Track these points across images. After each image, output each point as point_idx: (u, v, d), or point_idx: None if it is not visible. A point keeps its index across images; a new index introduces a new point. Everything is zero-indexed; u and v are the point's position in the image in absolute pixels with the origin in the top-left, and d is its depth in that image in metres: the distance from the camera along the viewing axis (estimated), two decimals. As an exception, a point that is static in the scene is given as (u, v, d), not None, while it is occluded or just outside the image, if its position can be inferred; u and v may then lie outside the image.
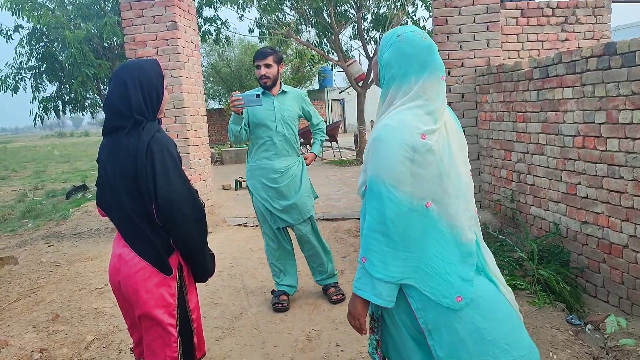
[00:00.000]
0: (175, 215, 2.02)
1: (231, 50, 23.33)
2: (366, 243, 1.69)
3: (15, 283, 4.94)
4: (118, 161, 2.05)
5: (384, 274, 1.65)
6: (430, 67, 1.72)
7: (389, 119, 1.70)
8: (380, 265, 1.65)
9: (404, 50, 1.72)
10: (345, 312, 3.71)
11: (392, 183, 1.63)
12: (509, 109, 4.65)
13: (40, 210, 9.76)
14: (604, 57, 3.30)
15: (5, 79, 10.34)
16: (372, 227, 1.67)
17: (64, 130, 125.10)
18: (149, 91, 2.09)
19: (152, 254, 2.07)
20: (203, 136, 6.88)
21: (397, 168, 1.63)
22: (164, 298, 2.09)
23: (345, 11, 12.20)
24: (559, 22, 5.94)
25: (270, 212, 3.91)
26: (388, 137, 1.65)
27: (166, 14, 6.10)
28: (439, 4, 5.24)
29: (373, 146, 1.68)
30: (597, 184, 3.49)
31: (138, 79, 2.08)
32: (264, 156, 3.89)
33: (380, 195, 1.64)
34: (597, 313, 3.42)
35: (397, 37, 1.75)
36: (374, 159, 1.67)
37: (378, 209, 1.65)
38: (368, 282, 1.69)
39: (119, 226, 2.15)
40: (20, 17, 10.24)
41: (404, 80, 1.72)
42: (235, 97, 3.59)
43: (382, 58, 1.78)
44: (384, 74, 1.78)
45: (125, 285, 2.11)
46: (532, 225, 4.44)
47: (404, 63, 1.72)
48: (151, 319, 2.09)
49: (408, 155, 1.63)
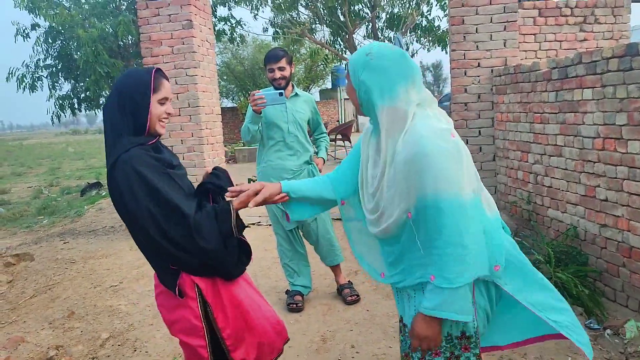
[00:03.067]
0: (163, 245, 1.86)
1: (245, 48, 23.36)
2: (444, 261, 1.62)
3: (31, 280, 4.98)
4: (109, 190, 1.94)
5: (461, 280, 1.62)
6: (411, 72, 1.71)
7: (416, 131, 1.64)
8: (457, 274, 1.62)
9: (377, 68, 1.70)
10: (361, 313, 3.72)
11: (457, 192, 1.60)
12: (526, 110, 4.60)
13: (55, 207, 9.86)
14: (626, 58, 3.25)
15: (23, 77, 10.43)
16: (451, 242, 1.61)
17: (79, 127, 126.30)
18: (126, 103, 1.90)
19: (166, 277, 2.01)
20: (217, 135, 6.88)
21: (455, 175, 1.60)
22: (186, 319, 2.01)
23: (360, 10, 12.17)
24: (578, 22, 5.87)
25: (282, 212, 3.90)
26: (433, 149, 1.60)
27: (182, 13, 6.11)
28: (456, 4, 5.19)
29: (420, 164, 1.60)
30: (617, 187, 3.43)
31: (117, 90, 1.93)
32: (276, 156, 3.87)
33: (451, 210, 1.59)
34: (617, 318, 3.37)
35: (366, 56, 1.72)
36: (428, 176, 1.59)
37: (452, 225, 1.60)
38: (447, 299, 1.64)
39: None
40: (38, 16, 10.33)
41: (393, 93, 1.69)
42: (258, 96, 3.47)
43: (359, 82, 1.73)
44: (365, 97, 1.74)
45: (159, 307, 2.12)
46: (549, 227, 4.38)
47: (382, 79, 1.69)
48: (181, 340, 2.07)
49: (456, 158, 1.62)
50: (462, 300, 1.64)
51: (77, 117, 14.49)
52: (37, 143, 51.80)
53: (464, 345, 1.77)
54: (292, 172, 3.85)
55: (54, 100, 11.03)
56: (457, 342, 1.77)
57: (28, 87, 10.57)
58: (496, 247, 1.72)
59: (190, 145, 6.27)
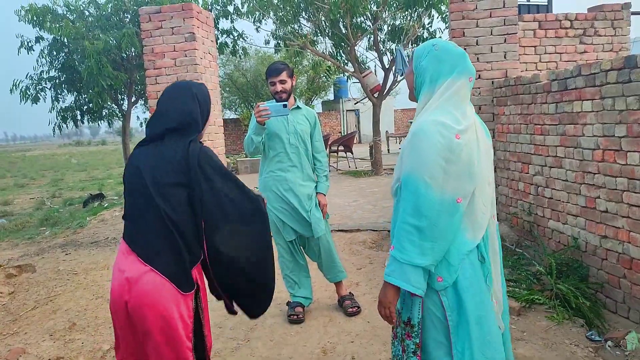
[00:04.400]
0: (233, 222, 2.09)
1: (247, 60, 23.50)
2: (398, 233, 1.81)
3: (32, 291, 4.99)
4: (161, 168, 2.07)
5: (412, 259, 1.77)
6: (459, 68, 1.89)
7: (427, 117, 1.83)
8: (408, 252, 1.78)
9: (438, 57, 1.90)
10: (362, 325, 3.71)
11: (427, 179, 1.75)
12: (527, 122, 4.62)
13: (57, 218, 9.88)
14: (624, 70, 3.27)
15: (26, 90, 10.51)
16: (405, 219, 1.79)
17: (82, 139, 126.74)
18: (205, 108, 2.24)
19: (175, 267, 2.02)
20: (219, 146, 6.92)
21: (433, 165, 1.75)
22: (182, 318, 2.03)
23: (362, 23, 12.22)
24: (577, 34, 5.91)
25: (283, 222, 3.91)
26: (426, 134, 1.78)
27: (185, 26, 6.17)
28: (456, 16, 5.23)
29: (411, 142, 1.81)
30: (617, 198, 3.44)
31: (196, 95, 2.21)
32: (277, 167, 3.87)
33: (415, 190, 1.77)
34: (618, 329, 3.36)
35: (432, 46, 1.94)
36: (411, 155, 1.80)
37: (412, 201, 1.78)
38: (397, 269, 1.81)
39: (144, 237, 2.06)
40: (42, 30, 10.44)
41: (437, 81, 1.89)
42: (262, 107, 3.52)
43: (419, 66, 1.94)
44: (420, 80, 1.94)
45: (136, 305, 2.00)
46: (550, 238, 4.39)
47: (438, 66, 1.89)
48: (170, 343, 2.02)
49: (443, 154, 1.76)
50: (413, 274, 1.79)
51: (80, 128, 14.56)
52: (40, 154, 51.99)
53: (407, 332, 1.93)
54: (293, 183, 3.85)
55: (56, 112, 11.10)
56: (403, 327, 1.96)
57: (31, 99, 10.63)
58: (450, 267, 1.85)
59: (192, 156, 6.30)
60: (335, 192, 9.84)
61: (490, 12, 5.16)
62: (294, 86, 3.96)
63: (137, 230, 2.09)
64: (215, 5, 11.85)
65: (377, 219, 7.05)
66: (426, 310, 1.90)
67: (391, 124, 29.46)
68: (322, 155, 4.06)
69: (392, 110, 30.94)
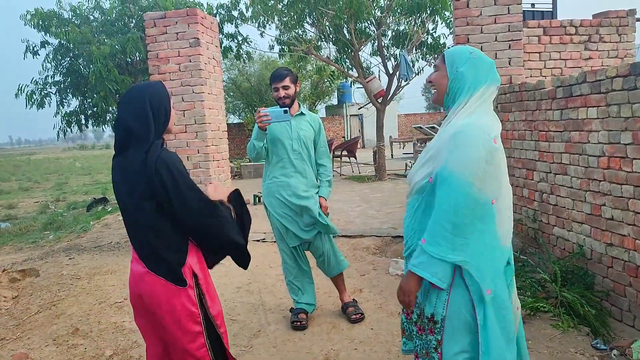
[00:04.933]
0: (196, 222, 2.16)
1: (251, 65, 23.54)
2: (433, 227, 1.88)
3: (36, 295, 4.99)
4: (129, 180, 2.16)
5: (444, 255, 1.85)
6: (491, 76, 2.03)
7: (467, 120, 1.92)
8: (442, 247, 1.85)
9: (476, 64, 2.01)
10: (365, 332, 3.70)
11: (469, 178, 1.83)
12: (531, 128, 4.60)
13: (61, 222, 9.90)
14: (630, 77, 3.26)
15: (32, 94, 10.54)
16: (443, 214, 1.85)
17: (86, 142, 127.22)
18: (159, 111, 2.20)
19: (164, 269, 2.16)
20: (223, 152, 6.92)
21: (476, 165, 1.84)
22: (186, 307, 2.17)
23: (366, 28, 12.24)
24: (582, 41, 5.90)
25: (286, 228, 3.90)
26: (471, 135, 1.87)
27: (189, 31, 6.19)
28: (461, 22, 5.23)
29: (455, 140, 1.88)
30: (623, 206, 3.42)
31: (149, 100, 2.18)
32: (281, 173, 3.87)
33: (457, 187, 1.83)
34: (623, 338, 3.33)
35: (470, 53, 2.03)
36: (455, 153, 1.86)
37: (453, 198, 1.84)
38: (426, 262, 1.88)
39: (133, 243, 2.24)
40: (47, 35, 10.47)
41: (476, 88, 1.99)
42: (263, 113, 3.54)
43: (457, 72, 2.01)
44: (457, 86, 2.01)
45: (147, 299, 2.20)
46: (554, 246, 4.36)
47: (476, 73, 2.00)
48: (181, 329, 2.17)
49: (485, 156, 1.85)
50: (441, 268, 1.87)
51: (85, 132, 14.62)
52: (45, 158, 52.15)
53: (430, 328, 1.99)
54: (296, 188, 3.85)
55: (61, 116, 11.13)
56: (426, 322, 2.01)
57: (37, 104, 10.67)
58: (497, 277, 1.93)
59: (196, 161, 6.31)
60: (339, 197, 9.82)
61: (494, 18, 5.15)
62: (298, 92, 3.96)
63: (131, 235, 2.25)
64: (220, 10, 11.88)
65: (380, 225, 7.03)
66: (453, 309, 1.94)
67: (395, 129, 29.47)
68: (326, 161, 4.06)
69: (396, 115, 30.96)
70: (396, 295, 2.01)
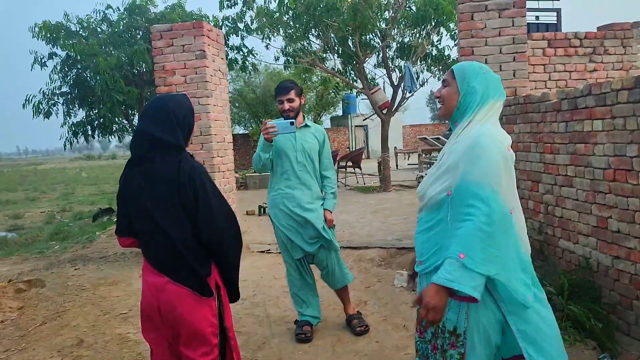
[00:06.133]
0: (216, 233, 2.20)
1: (257, 76, 23.66)
2: (468, 241, 1.85)
3: (41, 306, 5.00)
4: (157, 188, 2.14)
5: (484, 268, 1.84)
6: (500, 92, 2.10)
7: (482, 129, 1.97)
8: (481, 260, 1.83)
9: (487, 79, 2.08)
10: (370, 345, 3.68)
11: (495, 187, 1.86)
12: (536, 140, 4.60)
13: (67, 232, 9.93)
14: (635, 90, 3.25)
15: (39, 104, 10.62)
16: (477, 227, 1.84)
17: (92, 153, 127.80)
18: (183, 122, 2.24)
19: (192, 279, 2.17)
20: (229, 163, 6.95)
21: (498, 174, 1.88)
22: (208, 318, 2.19)
23: (371, 40, 12.30)
24: (587, 53, 5.90)
25: (291, 241, 3.90)
26: (487, 144, 1.91)
27: (195, 43, 6.24)
28: (465, 35, 5.25)
29: (474, 151, 1.91)
30: (629, 219, 3.41)
31: (173, 109, 2.21)
32: (285, 185, 3.88)
33: (487, 198, 1.85)
34: (631, 352, 3.31)
35: (480, 69, 2.10)
36: (477, 164, 1.89)
37: (485, 209, 1.84)
38: (466, 276, 1.83)
39: (156, 254, 2.21)
40: (55, 47, 10.57)
41: (486, 102, 2.05)
42: (270, 125, 3.58)
43: (469, 87, 2.06)
44: (469, 100, 2.06)
45: (168, 310, 2.18)
46: (560, 258, 4.34)
47: (487, 88, 2.06)
48: (200, 340, 2.18)
49: (503, 165, 1.90)
50: (480, 281, 1.84)
51: (91, 142, 14.68)
52: (52, 168, 52.40)
53: (452, 342, 1.96)
54: (301, 200, 3.85)
55: (68, 126, 11.21)
56: (448, 337, 1.96)
57: (43, 114, 10.75)
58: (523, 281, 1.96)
59: (202, 172, 6.32)
60: (343, 208, 9.81)
61: (499, 30, 5.17)
62: (303, 104, 3.99)
63: (149, 248, 2.23)
64: (226, 22, 11.97)
65: (385, 236, 7.02)
66: (476, 322, 1.94)
67: (399, 140, 29.49)
68: (331, 173, 4.06)
69: (401, 126, 31.02)
70: (420, 314, 1.93)
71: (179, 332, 2.20)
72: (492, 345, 1.96)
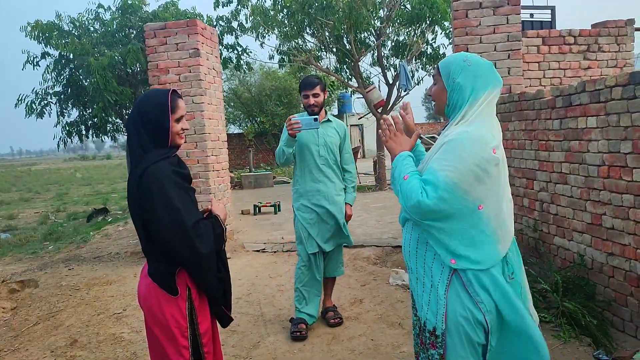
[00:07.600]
0: (164, 244, 2.10)
1: (252, 75, 23.62)
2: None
3: (35, 306, 4.96)
4: (129, 195, 2.18)
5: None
6: (492, 80, 1.97)
7: (468, 128, 1.90)
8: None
9: (473, 72, 1.95)
10: (366, 343, 3.68)
11: (454, 180, 1.82)
12: (531, 137, 4.60)
13: (61, 232, 9.88)
14: (629, 87, 3.26)
15: (31, 104, 10.56)
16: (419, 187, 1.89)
17: (87, 153, 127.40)
18: (148, 120, 2.12)
19: (158, 276, 2.16)
20: (223, 162, 6.92)
21: (463, 171, 1.83)
22: (175, 318, 2.15)
23: (365, 38, 12.29)
24: (581, 50, 5.91)
25: (308, 233, 3.96)
26: (465, 144, 1.85)
27: (189, 42, 6.21)
28: (460, 32, 5.25)
29: (449, 146, 1.88)
30: (623, 215, 3.41)
31: (138, 108, 2.16)
32: (309, 178, 3.98)
33: (436, 186, 1.84)
34: (625, 348, 3.31)
35: (464, 62, 1.98)
36: (447, 157, 1.86)
37: (432, 195, 1.84)
38: (399, 166, 2.02)
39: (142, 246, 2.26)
40: (47, 46, 10.51)
41: (478, 95, 1.94)
42: (294, 121, 3.66)
43: (455, 83, 1.97)
44: (457, 97, 1.97)
45: (142, 302, 2.22)
46: (555, 255, 4.34)
47: (475, 82, 1.94)
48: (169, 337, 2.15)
49: (479, 165, 1.84)
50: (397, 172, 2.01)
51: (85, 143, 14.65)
52: (46, 168, 52.19)
53: (432, 342, 1.96)
54: (325, 193, 3.94)
55: (62, 126, 11.15)
56: (428, 337, 1.98)
57: (36, 114, 10.69)
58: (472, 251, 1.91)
59: (196, 172, 6.30)
60: (339, 207, 9.80)
61: (493, 28, 5.17)
62: (326, 100, 4.03)
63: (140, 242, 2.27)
64: (220, 22, 11.93)
65: (381, 235, 7.01)
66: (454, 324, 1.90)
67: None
68: (352, 167, 4.19)
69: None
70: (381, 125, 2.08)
71: (149, 326, 2.20)
72: (475, 345, 1.91)
